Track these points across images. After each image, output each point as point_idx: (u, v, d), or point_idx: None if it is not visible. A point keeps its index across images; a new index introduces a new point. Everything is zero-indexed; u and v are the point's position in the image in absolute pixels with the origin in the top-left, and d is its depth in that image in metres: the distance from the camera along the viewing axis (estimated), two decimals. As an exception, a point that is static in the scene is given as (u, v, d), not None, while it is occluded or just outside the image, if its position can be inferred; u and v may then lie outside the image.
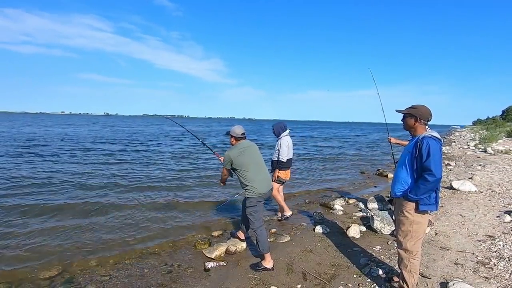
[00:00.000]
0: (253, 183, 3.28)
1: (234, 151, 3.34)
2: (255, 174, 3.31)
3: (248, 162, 3.32)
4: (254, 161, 3.37)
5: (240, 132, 3.44)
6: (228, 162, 3.35)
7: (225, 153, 3.41)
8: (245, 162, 3.31)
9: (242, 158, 3.31)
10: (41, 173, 8.38)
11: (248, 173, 3.29)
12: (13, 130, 26.67)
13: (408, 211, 2.48)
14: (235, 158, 3.30)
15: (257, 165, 3.39)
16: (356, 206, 5.72)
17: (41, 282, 3.15)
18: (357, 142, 25.05)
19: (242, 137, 3.46)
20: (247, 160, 3.32)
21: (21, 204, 5.53)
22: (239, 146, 3.40)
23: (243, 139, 3.48)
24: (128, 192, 6.64)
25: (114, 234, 4.38)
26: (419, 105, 2.53)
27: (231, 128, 3.49)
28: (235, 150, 3.36)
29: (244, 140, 3.48)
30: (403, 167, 2.53)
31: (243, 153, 3.34)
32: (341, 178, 9.22)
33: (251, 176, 3.29)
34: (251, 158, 3.36)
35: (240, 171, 3.32)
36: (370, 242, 3.98)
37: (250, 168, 3.30)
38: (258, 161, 3.43)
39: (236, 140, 3.45)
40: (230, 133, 3.46)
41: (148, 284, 3.08)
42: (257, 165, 3.39)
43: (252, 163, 3.34)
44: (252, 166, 3.32)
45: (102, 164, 10.24)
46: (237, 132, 3.44)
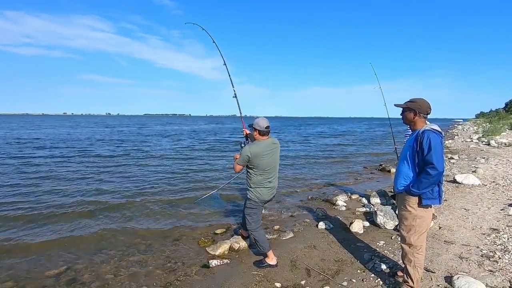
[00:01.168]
0: (259, 188, 3.11)
1: (256, 150, 2.98)
2: (265, 180, 3.11)
3: (265, 167, 3.05)
4: (272, 167, 3.12)
5: (264, 125, 3.03)
6: (244, 160, 3.02)
7: (244, 148, 3.06)
8: (262, 167, 3.03)
9: (262, 162, 3.01)
10: (51, 171, 8.44)
11: (259, 178, 3.08)
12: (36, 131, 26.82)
13: (411, 205, 2.47)
14: (254, 159, 2.98)
15: (271, 172, 3.14)
16: (359, 202, 5.71)
17: (47, 280, 3.18)
18: (360, 137, 24.99)
19: (266, 131, 3.06)
20: (266, 165, 3.05)
21: (30, 201, 5.58)
22: (263, 145, 3.03)
23: (268, 134, 3.11)
24: (132, 190, 6.66)
25: (118, 232, 4.40)
26: (417, 99, 2.51)
27: (253, 121, 3.12)
28: (257, 148, 2.99)
29: (268, 139, 3.12)
30: (404, 161, 2.52)
31: (266, 156, 3.02)
32: (344, 173, 9.19)
33: (261, 181, 3.09)
34: (271, 163, 3.09)
35: (252, 171, 3.09)
36: (373, 237, 3.98)
37: (263, 173, 3.07)
38: (275, 168, 3.18)
39: (260, 134, 3.07)
40: (254, 126, 3.08)
41: (152, 282, 3.09)
42: (272, 171, 3.15)
43: (269, 169, 3.09)
44: (267, 172, 3.08)
45: (105, 162, 10.28)
46: (261, 125, 3.03)
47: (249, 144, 3.16)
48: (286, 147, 17.00)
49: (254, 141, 3.16)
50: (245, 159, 3.02)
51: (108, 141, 18.97)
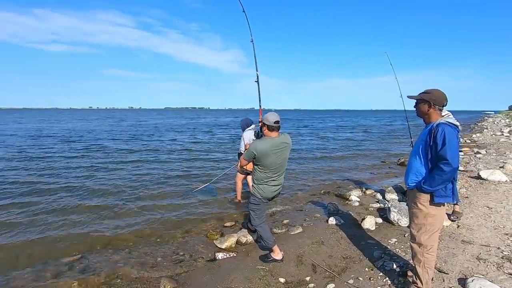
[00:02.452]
0: (262, 185, 3.04)
1: (263, 147, 2.87)
2: (269, 178, 3.01)
3: (272, 166, 2.95)
4: (279, 166, 3.00)
5: (273, 120, 2.90)
6: (250, 156, 2.94)
7: (252, 144, 2.97)
8: (269, 164, 2.93)
9: (269, 159, 2.90)
10: (73, 163, 8.85)
11: (264, 175, 2.99)
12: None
13: (422, 203, 2.32)
14: (261, 156, 2.88)
15: (277, 171, 3.02)
16: (374, 197, 5.52)
17: (62, 267, 3.34)
18: (379, 130, 24.22)
19: (276, 126, 2.93)
20: (273, 164, 2.94)
21: (51, 192, 5.88)
22: (271, 142, 2.91)
23: (277, 129, 2.97)
24: (143, 183, 6.83)
25: (129, 223, 4.52)
26: (432, 90, 2.33)
27: (264, 115, 3.02)
28: (265, 145, 2.88)
29: (278, 137, 2.98)
30: (416, 156, 2.37)
31: (274, 154, 2.90)
32: (360, 168, 8.94)
33: (264, 178, 3.00)
34: (278, 161, 2.96)
35: (258, 167, 3.00)
36: (385, 234, 3.83)
37: (268, 172, 2.98)
38: (282, 167, 3.05)
39: (269, 130, 2.94)
40: (263, 121, 3.00)
41: (160, 272, 3.16)
42: (279, 170, 3.04)
43: (274, 168, 2.97)
44: (271, 171, 2.98)
45: (117, 157, 10.62)
46: (270, 120, 2.91)
47: (257, 141, 3.04)
48: (302, 139, 16.80)
49: (263, 137, 3.04)
50: (250, 156, 2.94)
51: (125, 136, 19.56)
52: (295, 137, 18.52)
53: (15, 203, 5.35)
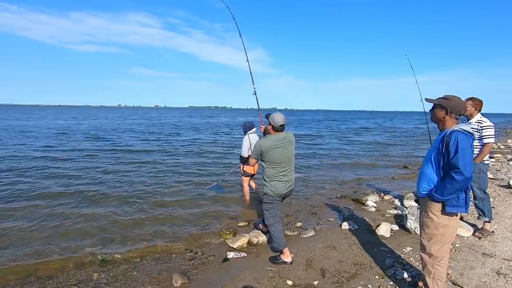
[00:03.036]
0: (273, 182, 3.12)
1: (268, 143, 3.03)
2: (279, 173, 3.10)
3: (278, 160, 3.06)
4: (285, 160, 3.10)
5: (279, 123, 3.05)
6: (257, 153, 3.11)
7: (257, 141, 3.14)
8: (275, 159, 3.05)
9: (274, 155, 3.03)
10: (95, 164, 9.38)
11: (273, 171, 3.09)
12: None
13: (433, 212, 2.26)
14: (266, 152, 3.03)
15: (286, 165, 3.13)
16: (391, 203, 5.37)
17: (84, 256, 3.58)
18: (405, 133, 23.28)
19: (280, 128, 3.09)
20: (278, 158, 3.06)
21: (78, 191, 6.29)
22: (274, 138, 3.06)
23: (281, 131, 3.12)
24: (159, 181, 7.07)
25: (146, 220, 4.72)
26: (452, 96, 2.26)
27: (271, 113, 3.16)
28: (269, 141, 3.04)
29: (282, 133, 3.13)
30: (428, 163, 2.31)
31: (278, 149, 3.04)
32: (381, 172, 8.70)
33: (275, 174, 3.10)
34: (283, 156, 3.08)
35: (266, 165, 3.12)
36: (400, 242, 3.73)
37: (277, 167, 3.08)
38: (288, 161, 3.15)
39: (273, 129, 3.11)
40: (269, 120, 3.12)
41: (173, 268, 3.29)
42: (286, 164, 3.13)
43: (283, 162, 3.08)
44: (280, 165, 3.08)
45: (138, 155, 11.06)
46: (276, 121, 3.05)
47: (261, 138, 3.21)
48: (322, 141, 16.56)
49: (268, 135, 3.20)
50: (257, 152, 3.09)
51: (146, 134, 20.27)
52: (316, 138, 18.29)
53: (35, 203, 5.78)
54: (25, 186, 6.44)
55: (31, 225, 4.42)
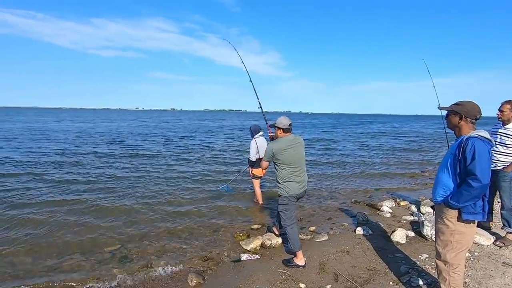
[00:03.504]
0: (287, 183, 3.21)
1: (279, 145, 3.18)
2: (292, 173, 3.21)
3: (289, 161, 3.18)
4: (296, 160, 3.23)
5: (288, 123, 3.23)
6: (269, 156, 3.25)
7: (268, 145, 3.29)
8: (286, 160, 3.17)
9: (285, 156, 3.17)
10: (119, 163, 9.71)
11: (285, 172, 3.20)
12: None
13: (449, 219, 2.24)
14: (277, 153, 3.17)
15: (297, 165, 3.24)
16: (408, 209, 5.27)
17: (105, 254, 3.75)
18: (421, 138, 22.60)
19: (289, 128, 3.26)
20: (290, 158, 3.18)
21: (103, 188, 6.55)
22: (285, 141, 3.21)
23: (290, 131, 3.30)
24: (173, 183, 7.23)
25: (162, 220, 4.86)
26: (465, 101, 2.24)
27: (276, 119, 3.30)
28: (280, 144, 3.19)
29: (291, 134, 3.30)
30: (444, 169, 2.29)
31: (289, 150, 3.17)
32: (398, 177, 8.53)
33: (288, 175, 3.20)
34: (295, 156, 3.21)
35: (278, 167, 3.24)
36: (416, 249, 3.67)
37: (289, 167, 3.19)
38: (300, 161, 3.27)
39: (283, 131, 3.25)
40: (276, 125, 3.26)
41: (189, 267, 3.39)
42: (298, 165, 3.24)
43: (294, 162, 3.20)
44: (292, 166, 3.20)
45: (152, 158, 11.33)
46: (284, 123, 3.22)
47: (272, 142, 3.36)
48: (338, 145, 16.36)
49: (277, 138, 3.34)
50: (269, 155, 3.24)
51: (160, 138, 20.70)
52: (331, 142, 18.11)
53: (63, 199, 6.06)
54: (51, 184, 6.79)
55: (54, 221, 4.66)
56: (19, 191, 6.28)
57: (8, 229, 4.41)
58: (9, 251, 3.78)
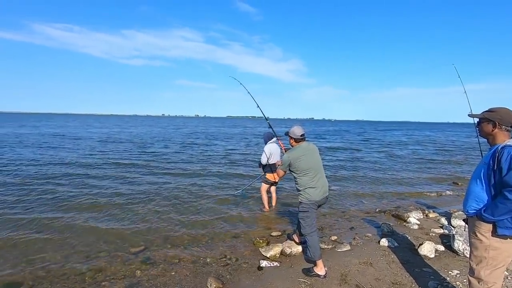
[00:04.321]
0: (307, 189, 3.21)
1: (295, 154, 3.24)
2: (311, 180, 3.22)
3: (307, 167, 3.21)
4: (313, 166, 3.25)
5: (299, 134, 3.30)
6: (286, 165, 3.28)
7: (285, 154, 3.35)
8: (304, 167, 3.20)
9: (301, 163, 3.20)
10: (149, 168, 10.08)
11: (304, 178, 3.22)
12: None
13: (482, 233, 2.10)
14: (294, 162, 3.21)
15: (315, 171, 3.26)
16: (437, 222, 5.00)
17: (130, 255, 3.87)
18: (452, 147, 21.41)
19: (301, 138, 3.32)
20: (307, 165, 3.21)
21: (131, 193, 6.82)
22: (300, 149, 3.28)
23: (303, 140, 3.34)
24: (199, 188, 7.37)
25: (185, 224, 4.94)
26: (498, 108, 2.11)
27: (289, 128, 3.38)
28: (295, 152, 3.25)
29: (304, 142, 3.35)
30: (477, 180, 2.16)
31: (304, 157, 3.22)
32: (425, 188, 8.12)
33: (307, 181, 3.21)
34: (311, 163, 3.25)
35: (297, 174, 3.26)
36: (446, 264, 3.46)
37: (307, 174, 3.21)
38: (317, 167, 3.30)
39: (295, 141, 3.33)
40: (289, 134, 3.35)
41: (209, 273, 3.40)
42: (315, 170, 3.26)
43: (311, 168, 3.23)
44: (310, 172, 3.22)
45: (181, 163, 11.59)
46: (296, 133, 3.30)
47: (287, 151, 3.40)
48: (362, 153, 15.91)
49: (292, 147, 3.39)
50: (286, 164, 3.28)
51: (182, 144, 21.17)
52: (354, 150, 17.64)
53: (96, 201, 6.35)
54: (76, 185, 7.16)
55: (85, 222, 4.90)
56: (61, 193, 6.62)
57: (46, 227, 4.69)
58: (42, 245, 4.02)
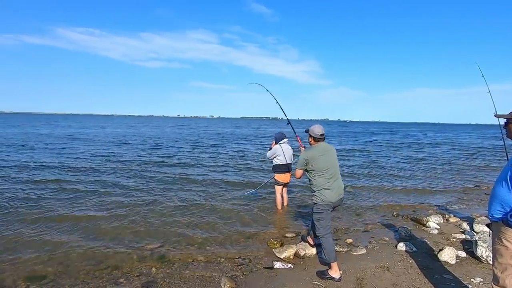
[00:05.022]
0: (322, 190, 3.17)
1: (312, 153, 3.20)
2: (327, 181, 3.17)
3: (323, 168, 3.17)
4: (330, 167, 3.20)
5: (319, 133, 3.23)
6: (303, 164, 3.24)
7: (301, 153, 3.31)
8: (320, 167, 3.17)
9: (318, 162, 3.17)
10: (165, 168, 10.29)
11: (320, 179, 3.18)
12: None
13: (508, 239, 2.00)
14: (311, 161, 3.17)
15: (332, 172, 3.21)
16: (458, 226, 4.80)
17: (145, 252, 3.94)
18: (475, 149, 20.52)
19: (320, 138, 3.26)
20: (323, 165, 3.17)
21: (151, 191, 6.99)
22: (318, 149, 3.24)
23: (322, 140, 3.28)
24: (215, 188, 7.43)
25: (199, 223, 4.99)
26: (527, 109, 2.01)
27: (310, 126, 3.33)
28: (313, 152, 3.22)
29: (322, 142, 3.30)
30: (503, 183, 2.06)
31: (322, 157, 3.18)
32: (447, 190, 7.83)
33: (322, 182, 3.17)
34: (328, 163, 3.20)
35: (312, 175, 3.23)
36: (468, 271, 3.32)
37: (323, 175, 3.17)
38: (334, 168, 3.25)
39: (314, 140, 3.28)
40: (309, 132, 3.30)
41: (222, 272, 3.42)
42: (332, 172, 3.21)
43: (328, 169, 3.18)
44: (326, 173, 3.17)
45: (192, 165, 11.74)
46: (316, 132, 3.24)
47: (304, 150, 3.37)
48: (377, 155, 15.54)
49: (309, 146, 3.36)
50: (303, 163, 3.24)
51: (193, 144, 21.39)
52: (370, 152, 17.26)
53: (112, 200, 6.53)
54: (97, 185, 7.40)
55: (104, 221, 5.05)
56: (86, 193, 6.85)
57: (68, 223, 4.88)
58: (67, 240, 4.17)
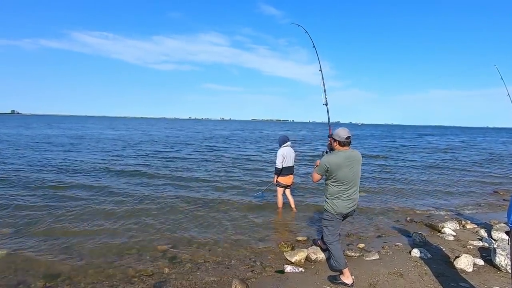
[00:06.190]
0: (336, 200, 3.04)
1: (335, 160, 2.96)
2: (343, 192, 3.01)
3: (344, 179, 2.96)
4: (351, 179, 3.00)
5: (345, 135, 2.97)
6: (323, 170, 3.02)
7: (323, 158, 3.07)
8: (341, 178, 2.96)
9: (342, 173, 2.94)
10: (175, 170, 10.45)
11: (337, 189, 3.01)
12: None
13: (528, 248, 1.93)
14: (334, 169, 2.94)
15: (351, 185, 3.02)
16: (475, 233, 4.66)
17: (157, 253, 4.00)
18: (496, 153, 19.82)
19: (347, 141, 3.00)
20: (345, 177, 2.96)
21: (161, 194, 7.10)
22: (344, 155, 2.98)
23: (348, 144, 3.04)
24: (227, 191, 7.47)
25: (210, 225, 5.04)
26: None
27: (334, 130, 3.11)
28: (337, 158, 2.97)
29: (349, 149, 3.05)
30: (522, 191, 1.99)
31: (346, 168, 2.94)
32: (463, 196, 7.63)
33: (338, 192, 3.02)
34: (350, 175, 2.98)
35: (329, 181, 3.05)
36: (486, 279, 3.22)
37: (341, 185, 2.99)
38: (354, 180, 3.04)
39: (340, 145, 3.01)
40: (333, 136, 3.05)
41: (233, 275, 3.43)
42: (352, 184, 3.03)
43: (346, 181, 2.98)
44: (345, 184, 2.99)
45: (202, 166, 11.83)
46: (341, 135, 2.97)
47: (328, 154, 3.16)
48: (389, 159, 15.24)
49: (334, 151, 3.13)
50: (323, 169, 3.04)
51: (204, 146, 21.56)
52: (382, 157, 16.96)
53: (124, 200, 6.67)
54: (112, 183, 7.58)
55: (120, 219, 5.16)
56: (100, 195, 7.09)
57: (84, 221, 5.02)
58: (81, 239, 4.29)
